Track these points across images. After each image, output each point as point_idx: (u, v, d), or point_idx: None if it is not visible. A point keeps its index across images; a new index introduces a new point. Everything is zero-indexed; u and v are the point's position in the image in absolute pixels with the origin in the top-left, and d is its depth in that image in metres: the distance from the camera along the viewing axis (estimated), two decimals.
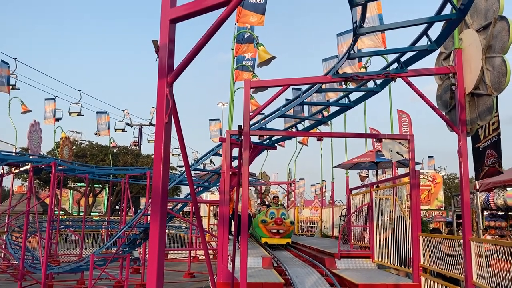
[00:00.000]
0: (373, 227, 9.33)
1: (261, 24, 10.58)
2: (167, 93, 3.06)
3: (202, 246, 4.98)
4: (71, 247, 26.74)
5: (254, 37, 12.36)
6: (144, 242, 13.36)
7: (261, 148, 8.24)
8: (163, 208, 2.93)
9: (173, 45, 3.14)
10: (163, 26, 3.10)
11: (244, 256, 5.15)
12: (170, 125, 3.12)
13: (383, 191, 10.25)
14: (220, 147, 10.40)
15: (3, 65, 18.26)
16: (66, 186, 34.67)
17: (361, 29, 4.36)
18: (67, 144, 23.53)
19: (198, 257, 21.67)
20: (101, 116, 24.16)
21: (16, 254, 14.70)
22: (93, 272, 11.63)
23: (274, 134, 7.56)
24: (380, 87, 6.35)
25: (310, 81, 6.04)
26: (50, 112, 22.48)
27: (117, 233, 12.83)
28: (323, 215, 18.65)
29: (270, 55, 11.59)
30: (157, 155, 3.00)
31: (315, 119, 7.78)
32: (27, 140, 19.52)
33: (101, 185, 36.25)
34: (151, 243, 2.89)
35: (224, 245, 6.86)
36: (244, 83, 5.50)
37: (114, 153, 33.88)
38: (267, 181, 28.06)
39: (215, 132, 24.68)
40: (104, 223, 25.79)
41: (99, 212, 41.50)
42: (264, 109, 6.72)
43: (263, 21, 10.47)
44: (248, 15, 10.38)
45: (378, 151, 13.58)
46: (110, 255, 12.86)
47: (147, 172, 16.24)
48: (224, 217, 7.06)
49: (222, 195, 7.11)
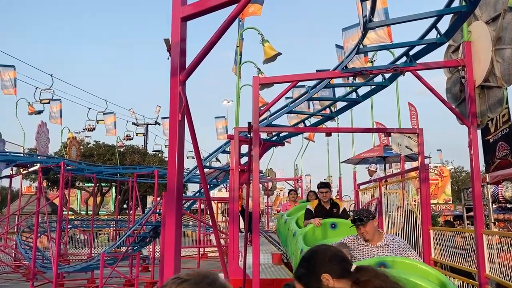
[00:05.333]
0: (382, 221, 9.34)
1: (258, 14, 10.54)
2: (180, 91, 3.07)
3: (216, 244, 5.01)
4: (80, 247, 26.93)
5: (259, 33, 12.35)
6: (154, 240, 13.44)
7: (269, 144, 8.25)
8: (179, 206, 2.95)
9: (185, 43, 3.15)
10: (174, 24, 3.11)
11: (256, 252, 5.17)
12: (183, 123, 3.13)
13: (392, 185, 10.24)
14: (228, 145, 10.42)
15: (8, 68, 18.17)
16: (74, 186, 34.84)
17: (370, 23, 4.35)
18: (74, 144, 23.63)
19: (206, 254, 21.74)
20: (109, 116, 24.27)
21: (27, 254, 14.82)
22: (103, 270, 11.74)
23: (283, 130, 7.56)
24: (389, 81, 6.33)
25: (319, 77, 6.04)
26: (56, 112, 22.58)
27: (126, 232, 12.91)
28: None
29: (275, 51, 11.57)
30: (172, 153, 3.02)
31: (323, 115, 7.77)
32: (34, 141, 19.61)
33: (109, 185, 36.40)
34: (167, 243, 2.90)
35: (234, 242, 6.88)
36: (252, 80, 5.51)
37: (121, 152, 34.00)
38: (273, 177, 28.06)
39: (221, 129, 24.69)
40: (112, 222, 25.96)
41: (107, 211, 41.66)
42: (270, 106, 6.72)
43: (261, 11, 10.42)
44: (248, 6, 10.39)
45: (385, 145, 13.54)
46: (120, 254, 12.96)
47: (155, 171, 16.27)
48: (234, 214, 7.08)
49: (231, 192, 7.12)
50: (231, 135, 7.76)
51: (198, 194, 13.08)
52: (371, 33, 5.81)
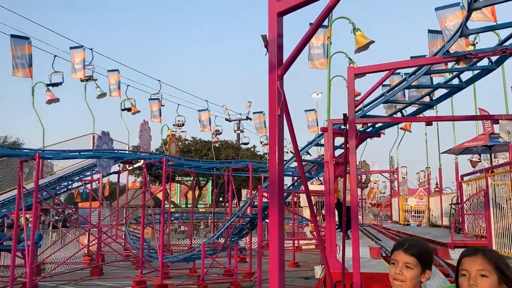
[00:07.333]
0: (489, 215, 8.69)
1: None
2: (278, 86, 3.10)
3: (315, 236, 5.01)
4: (181, 237, 28.46)
5: (350, 22, 12.07)
6: (250, 232, 13.79)
7: (364, 136, 8.04)
8: (281, 199, 2.98)
9: (282, 38, 3.17)
10: (271, 20, 3.14)
11: (356, 246, 5.09)
12: (282, 117, 3.16)
13: (499, 176, 9.47)
14: (321, 137, 10.34)
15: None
16: (174, 180, 36.83)
17: (477, 3, 4.04)
18: (173, 141, 24.96)
19: (301, 247, 21.84)
20: (203, 113, 25.31)
21: (135, 244, 15.98)
22: (204, 261, 12.30)
23: (380, 121, 7.33)
24: (496, 64, 5.85)
25: (418, 63, 5.75)
26: (156, 111, 24.00)
27: (225, 224, 13.39)
28: (430, 203, 17.72)
29: (368, 40, 11.23)
30: (272, 147, 3.06)
31: (422, 103, 7.40)
32: (138, 139, 20.99)
33: (206, 179, 37.99)
34: (271, 235, 2.94)
35: (332, 235, 6.84)
36: (347, 70, 5.40)
37: (216, 148, 35.29)
38: (367, 170, 27.36)
39: (311, 122, 24.58)
40: (210, 214, 27.12)
41: (204, 204, 43.55)
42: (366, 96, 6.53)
43: None
44: None
45: (491, 133, 12.56)
46: (218, 245, 13.48)
47: (249, 165, 16.68)
48: (330, 207, 7.03)
49: (326, 185, 7.07)
50: (325, 127, 7.68)
51: (292, 187, 13.17)
52: (476, 13, 5.40)
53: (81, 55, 17.70)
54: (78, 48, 17.81)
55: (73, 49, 17.77)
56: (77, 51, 17.75)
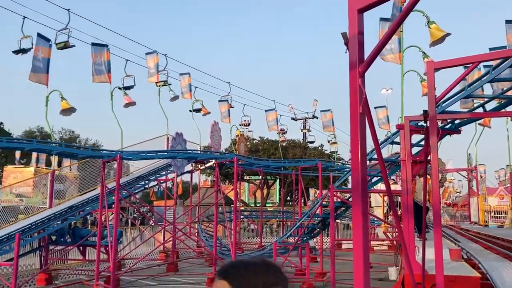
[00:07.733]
0: None
1: None
2: (360, 83, 3.07)
3: (399, 238, 4.88)
4: (250, 236, 28.82)
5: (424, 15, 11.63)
6: (322, 232, 13.69)
7: (443, 133, 7.70)
8: (364, 199, 2.95)
9: (362, 35, 3.13)
10: (351, 16, 3.11)
11: (438, 247, 4.90)
12: (364, 115, 3.12)
13: None
14: (396, 135, 10.05)
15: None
16: (243, 179, 37.41)
17: None
18: (242, 141, 25.35)
19: (373, 247, 21.32)
20: (270, 113, 25.47)
21: (208, 241, 16.41)
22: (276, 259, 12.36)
23: (461, 117, 6.98)
24: None
25: (505, 55, 5.42)
26: (225, 112, 24.49)
27: (296, 223, 13.39)
28: None
29: (444, 32, 10.76)
30: (354, 146, 3.03)
31: (507, 97, 6.95)
32: (209, 139, 21.53)
33: (273, 178, 38.23)
34: (355, 236, 2.92)
35: (410, 236, 6.63)
36: (426, 65, 5.21)
37: (283, 147, 35.36)
38: (443, 168, 26.15)
39: (382, 119, 23.90)
40: (278, 213, 27.24)
41: (272, 203, 43.85)
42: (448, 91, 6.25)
43: None
44: None
45: None
46: (288, 244, 13.51)
47: (319, 164, 16.55)
48: (408, 207, 6.82)
49: (404, 184, 6.86)
50: (401, 124, 7.46)
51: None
52: None
53: (155, 60, 18.46)
54: (152, 53, 18.59)
55: (148, 55, 18.57)
56: (151, 56, 18.53)
